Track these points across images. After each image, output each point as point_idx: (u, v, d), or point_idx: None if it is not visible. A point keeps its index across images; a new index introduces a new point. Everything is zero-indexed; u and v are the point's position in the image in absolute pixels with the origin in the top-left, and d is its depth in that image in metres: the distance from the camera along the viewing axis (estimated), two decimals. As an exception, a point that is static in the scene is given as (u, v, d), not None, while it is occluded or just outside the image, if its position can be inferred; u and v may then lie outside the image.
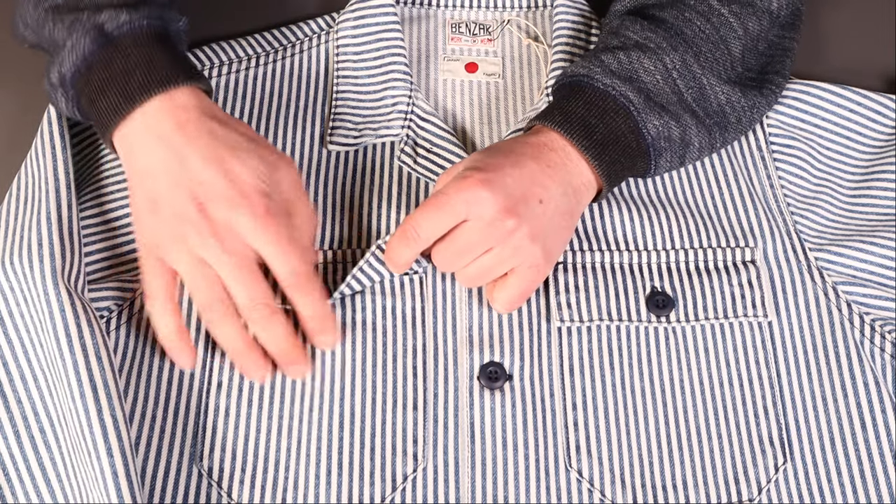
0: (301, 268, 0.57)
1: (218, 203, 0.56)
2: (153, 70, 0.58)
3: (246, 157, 0.57)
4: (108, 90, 0.58)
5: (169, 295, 0.58)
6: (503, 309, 0.61)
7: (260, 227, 0.56)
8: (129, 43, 0.58)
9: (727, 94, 0.65)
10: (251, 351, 0.58)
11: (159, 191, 0.57)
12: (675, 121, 0.63)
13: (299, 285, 0.57)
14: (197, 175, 0.56)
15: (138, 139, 0.58)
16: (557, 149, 0.61)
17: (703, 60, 0.64)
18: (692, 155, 0.65)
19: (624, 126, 0.62)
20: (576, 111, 0.62)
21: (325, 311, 0.58)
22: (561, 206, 0.60)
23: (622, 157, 0.62)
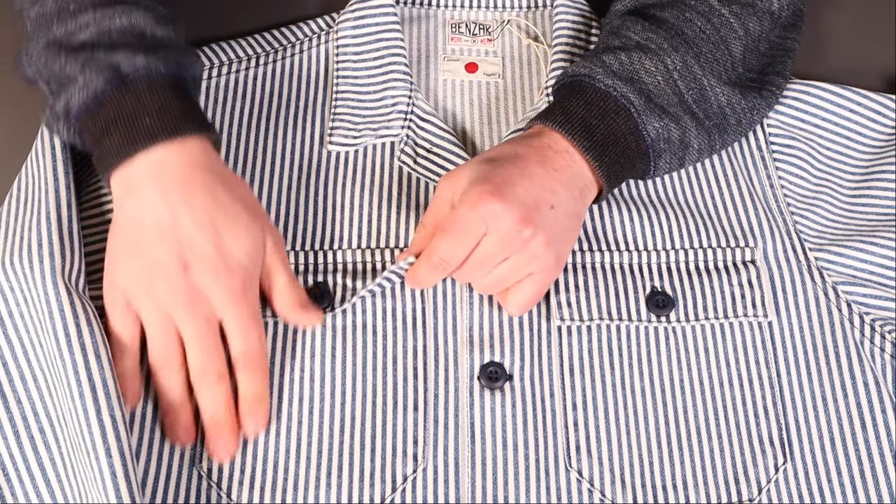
0: (256, 349, 0.57)
1: (202, 269, 0.56)
2: (164, 117, 0.57)
3: (239, 229, 0.57)
4: (115, 130, 0.57)
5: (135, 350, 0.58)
6: (516, 312, 0.61)
7: (232, 303, 0.56)
8: (144, 87, 0.57)
9: (727, 96, 0.65)
10: (184, 409, 0.58)
11: (145, 238, 0.56)
12: (674, 123, 0.63)
13: (248, 365, 0.57)
14: (188, 235, 0.56)
15: (137, 183, 0.57)
16: (561, 150, 0.61)
17: (704, 61, 0.64)
18: (691, 157, 0.65)
19: (624, 127, 0.62)
20: (577, 111, 0.62)
21: (264, 395, 0.58)
22: (570, 209, 0.60)
23: (622, 157, 0.62)
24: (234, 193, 0.58)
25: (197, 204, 0.56)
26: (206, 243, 0.56)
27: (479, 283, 0.60)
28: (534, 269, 0.59)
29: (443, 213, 0.60)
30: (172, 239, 0.56)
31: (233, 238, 0.57)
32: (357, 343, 0.61)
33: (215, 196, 0.57)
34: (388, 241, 0.65)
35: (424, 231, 0.61)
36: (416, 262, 0.60)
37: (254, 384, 0.57)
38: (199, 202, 0.57)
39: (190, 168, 0.57)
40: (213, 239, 0.56)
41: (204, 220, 0.56)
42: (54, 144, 0.62)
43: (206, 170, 0.58)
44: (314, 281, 0.62)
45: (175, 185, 0.56)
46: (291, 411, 0.59)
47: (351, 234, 0.65)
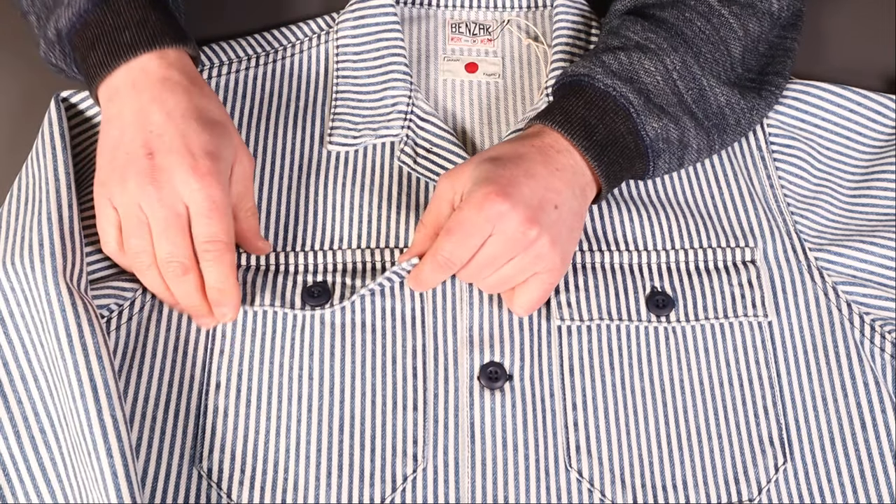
0: (220, 237, 0.58)
1: (166, 152, 0.57)
2: (143, 30, 0.60)
3: (210, 128, 0.59)
4: (99, 46, 0.60)
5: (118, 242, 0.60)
6: (523, 312, 0.61)
7: (196, 185, 0.57)
8: (123, 3, 0.60)
9: (727, 96, 0.65)
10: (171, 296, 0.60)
11: (121, 137, 0.59)
12: (673, 123, 0.63)
13: (210, 253, 0.58)
14: (157, 127, 0.58)
15: (118, 89, 0.60)
16: (563, 150, 0.61)
17: (703, 61, 0.65)
18: (690, 157, 0.65)
19: (623, 127, 0.62)
20: (576, 111, 0.62)
21: (229, 284, 0.59)
22: (573, 208, 0.60)
23: (621, 157, 0.62)
24: (208, 98, 0.61)
25: (169, 100, 0.59)
26: (173, 132, 0.58)
27: (484, 283, 0.60)
28: (539, 269, 0.59)
29: (443, 213, 0.60)
30: (143, 130, 0.58)
31: (203, 134, 0.58)
32: (357, 342, 0.61)
33: (189, 96, 0.59)
34: (388, 241, 0.65)
35: (425, 230, 0.61)
36: (420, 262, 0.60)
37: (215, 274, 0.58)
38: (172, 99, 0.59)
39: (167, 71, 0.60)
40: (180, 129, 0.58)
41: (174, 113, 0.58)
42: (54, 144, 0.62)
43: (182, 75, 0.60)
44: (314, 281, 0.62)
45: (151, 85, 0.59)
46: (291, 410, 0.59)
47: (351, 234, 0.65)
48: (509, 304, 0.61)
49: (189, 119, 0.58)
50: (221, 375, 0.60)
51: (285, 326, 0.61)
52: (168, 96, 0.59)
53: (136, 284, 0.62)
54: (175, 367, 0.60)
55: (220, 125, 0.60)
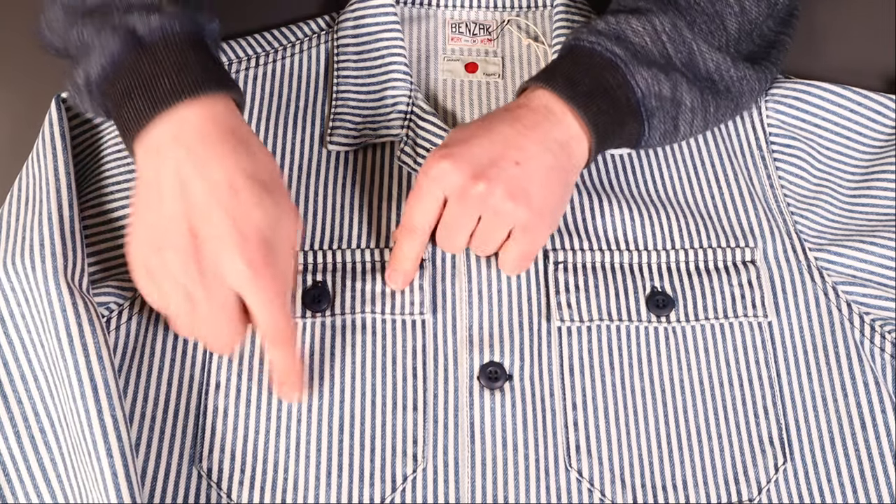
0: (283, 324, 0.55)
1: (212, 239, 0.53)
2: (183, 75, 0.55)
3: (260, 196, 0.54)
4: (135, 95, 0.55)
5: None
6: (510, 272, 0.62)
7: (253, 278, 0.53)
8: (160, 47, 0.55)
9: (716, 62, 0.64)
10: None
11: (159, 203, 0.54)
12: (664, 74, 0.62)
13: (278, 340, 0.56)
14: (200, 201, 0.53)
15: (157, 145, 0.55)
16: (537, 108, 0.61)
17: (697, 29, 0.64)
18: (685, 117, 0.64)
19: (612, 80, 0.61)
20: (560, 68, 0.62)
21: (296, 367, 0.57)
22: (545, 162, 0.59)
23: (611, 109, 0.61)
24: (255, 157, 0.55)
25: (212, 165, 0.54)
26: (218, 210, 0.53)
27: (473, 248, 0.61)
28: (508, 224, 0.59)
29: None
30: (185, 202, 0.53)
31: (252, 203, 0.54)
32: (356, 343, 0.61)
33: (235, 156, 0.54)
34: (388, 241, 0.65)
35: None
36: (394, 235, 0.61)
37: (280, 358, 0.57)
38: (217, 162, 0.54)
39: (210, 126, 0.54)
40: (228, 204, 0.53)
41: (220, 182, 0.53)
42: (55, 144, 0.62)
43: (226, 129, 0.55)
44: (314, 281, 0.62)
45: (194, 143, 0.54)
46: (291, 411, 0.59)
47: (351, 234, 0.65)
48: (499, 264, 0.62)
49: (236, 191, 0.53)
50: (221, 375, 0.60)
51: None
52: (211, 160, 0.54)
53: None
54: (175, 367, 0.60)
55: (269, 189, 0.55)
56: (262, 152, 0.57)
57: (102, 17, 0.56)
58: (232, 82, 0.57)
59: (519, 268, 0.62)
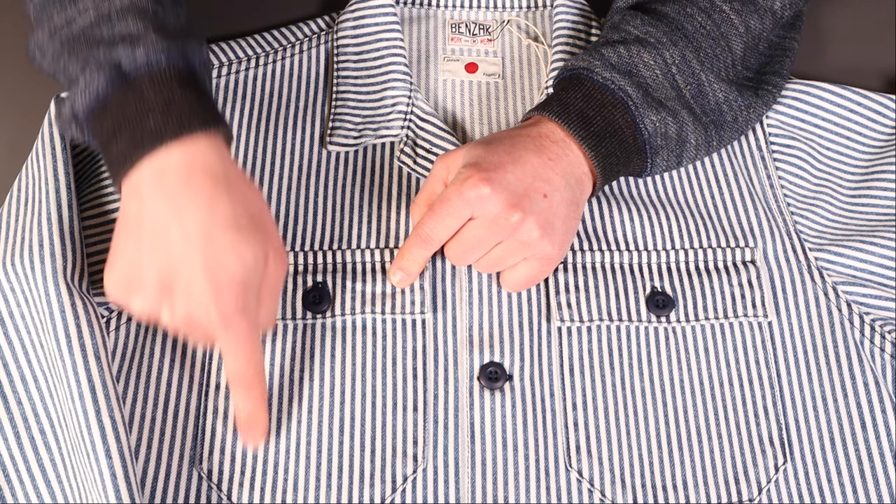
0: (250, 371, 0.55)
1: (184, 291, 0.53)
2: (168, 115, 0.54)
3: (237, 240, 0.53)
4: (121, 135, 0.54)
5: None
6: (510, 289, 0.62)
7: (223, 327, 0.53)
8: (146, 82, 0.54)
9: (724, 93, 0.65)
10: None
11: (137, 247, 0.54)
12: (672, 117, 0.63)
13: (240, 385, 0.56)
14: (177, 249, 0.52)
15: (140, 187, 0.54)
16: (558, 140, 0.61)
17: (703, 57, 0.65)
18: (689, 154, 0.65)
19: (621, 120, 0.62)
20: (574, 103, 0.62)
21: (257, 413, 0.57)
22: (566, 197, 0.60)
23: (618, 150, 0.62)
24: (236, 199, 0.54)
25: (191, 213, 0.53)
26: (194, 261, 0.52)
27: (476, 264, 0.61)
28: (528, 255, 0.60)
29: (436, 192, 0.61)
30: (160, 251, 0.53)
31: (228, 250, 0.53)
32: (357, 344, 0.61)
33: (213, 203, 0.53)
34: (388, 241, 0.65)
35: (419, 209, 0.62)
36: (407, 238, 0.61)
37: (246, 404, 0.56)
38: (194, 210, 0.53)
39: (191, 169, 0.54)
40: (203, 254, 0.52)
41: (196, 232, 0.53)
42: (54, 144, 0.62)
43: (208, 172, 0.54)
44: (314, 281, 0.62)
45: (174, 189, 0.53)
46: (291, 412, 0.59)
47: (350, 234, 0.65)
48: (500, 278, 0.62)
49: (212, 239, 0.52)
50: (221, 377, 0.60)
51: (286, 330, 0.61)
52: (189, 207, 0.53)
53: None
54: (175, 368, 0.60)
55: (250, 231, 0.54)
56: (247, 191, 0.56)
57: (88, 49, 0.55)
58: (218, 118, 0.56)
59: (520, 288, 0.62)
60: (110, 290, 0.55)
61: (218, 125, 0.55)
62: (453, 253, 0.61)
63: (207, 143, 0.55)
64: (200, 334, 0.55)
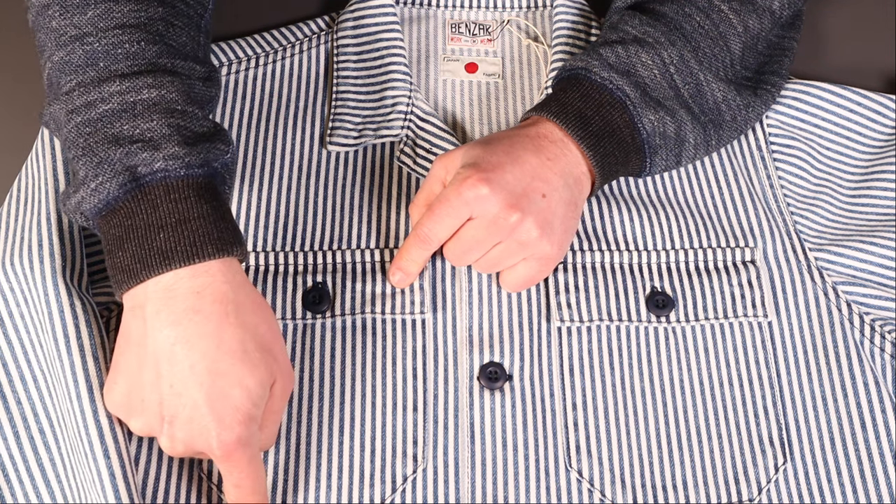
0: (253, 498, 0.53)
1: (185, 425, 0.51)
2: (181, 235, 0.51)
3: (245, 372, 0.51)
4: (127, 246, 0.51)
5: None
6: (509, 289, 0.62)
7: (224, 460, 0.51)
8: (161, 193, 0.51)
9: (723, 92, 0.65)
10: None
11: (138, 372, 0.51)
12: (670, 116, 0.63)
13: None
14: (178, 382, 0.50)
15: (141, 308, 0.51)
16: (556, 140, 0.61)
17: (702, 56, 0.65)
18: (688, 153, 0.65)
19: (619, 120, 0.62)
20: (572, 103, 0.62)
21: None
22: (565, 197, 0.60)
23: (616, 150, 0.62)
24: (245, 324, 0.52)
25: (196, 344, 0.50)
26: (198, 394, 0.50)
27: (476, 264, 0.61)
28: (527, 255, 0.60)
29: (434, 192, 0.62)
30: (163, 380, 0.51)
31: (233, 382, 0.51)
32: (357, 343, 0.61)
33: (221, 331, 0.51)
34: (388, 241, 0.65)
35: (418, 209, 0.62)
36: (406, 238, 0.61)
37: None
38: (200, 342, 0.50)
39: (199, 297, 0.51)
40: (207, 388, 0.50)
41: (201, 364, 0.50)
42: (54, 145, 0.62)
43: (218, 299, 0.51)
44: (314, 281, 0.62)
45: (180, 316, 0.50)
46: (291, 412, 0.59)
47: (351, 234, 0.65)
48: (500, 278, 0.62)
49: (217, 372, 0.50)
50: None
51: (285, 330, 0.61)
52: (194, 339, 0.50)
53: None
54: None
55: (256, 357, 0.52)
56: (257, 314, 0.53)
57: (105, 147, 0.52)
58: (233, 240, 0.53)
59: (521, 288, 0.62)
60: (110, 406, 0.53)
61: (231, 247, 0.52)
62: (452, 253, 0.61)
63: (219, 268, 0.52)
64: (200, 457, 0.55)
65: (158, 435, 0.52)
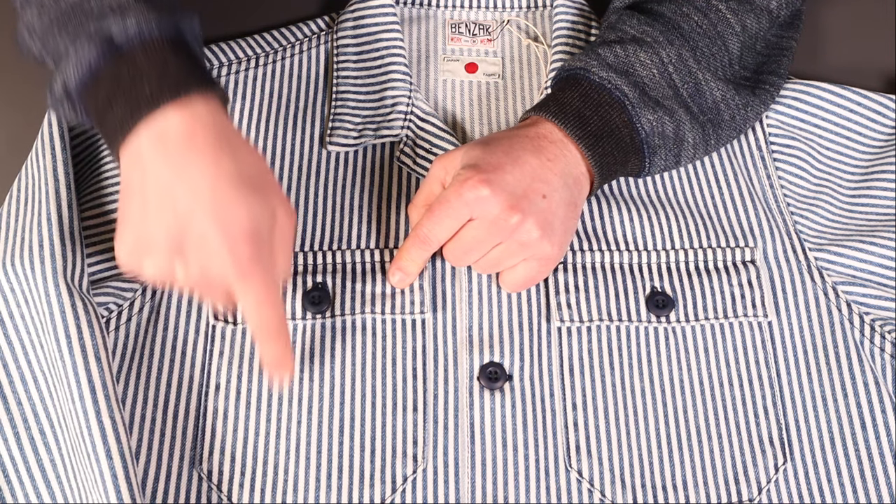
0: (272, 321, 0.55)
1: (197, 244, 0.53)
2: (163, 79, 0.53)
3: (245, 194, 0.53)
4: (116, 103, 0.53)
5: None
6: (510, 289, 0.62)
7: (240, 278, 0.53)
8: (139, 52, 0.54)
9: (722, 91, 0.65)
10: None
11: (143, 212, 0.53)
12: (669, 116, 0.63)
13: (269, 335, 0.56)
14: (184, 206, 0.52)
15: (140, 153, 0.53)
16: (556, 140, 0.61)
17: (700, 56, 0.65)
18: (687, 153, 0.65)
19: (618, 120, 0.62)
20: (571, 103, 0.62)
21: (285, 357, 0.56)
22: (564, 198, 0.60)
23: (615, 150, 0.62)
24: (239, 157, 0.54)
25: (196, 170, 0.53)
26: (203, 214, 0.52)
27: (475, 265, 0.61)
28: (527, 255, 0.60)
29: (434, 193, 0.62)
30: (169, 210, 0.52)
31: (237, 203, 0.53)
32: (357, 344, 0.61)
33: (217, 160, 0.53)
34: (388, 241, 0.65)
35: (417, 211, 0.62)
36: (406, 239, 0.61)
37: (271, 352, 0.56)
38: (199, 167, 0.53)
39: (192, 129, 0.53)
40: (212, 207, 0.52)
41: (203, 187, 0.52)
42: (54, 145, 0.62)
43: (209, 130, 0.53)
44: (314, 281, 0.62)
45: (176, 149, 0.53)
46: (291, 412, 0.59)
47: (350, 234, 0.65)
48: (500, 279, 0.62)
49: (220, 193, 0.52)
50: (221, 377, 0.60)
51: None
52: (193, 165, 0.52)
53: (135, 285, 0.62)
54: (174, 369, 0.60)
55: (256, 186, 0.54)
56: (247, 150, 0.55)
57: (77, 23, 0.55)
58: (214, 81, 0.56)
59: (520, 288, 0.62)
60: (122, 258, 0.55)
61: (214, 88, 0.55)
62: (452, 254, 0.61)
63: (205, 104, 0.54)
64: (218, 292, 0.55)
65: (172, 270, 0.53)
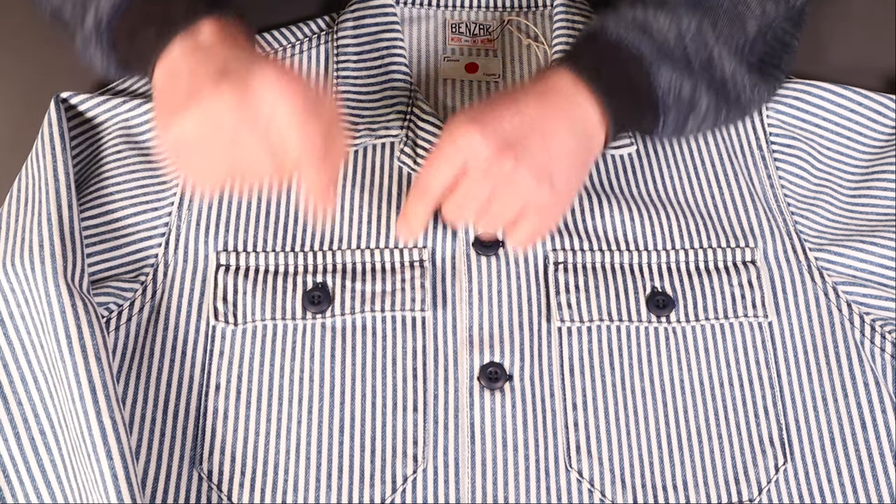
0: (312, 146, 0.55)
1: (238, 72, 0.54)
2: (195, 2, 0.56)
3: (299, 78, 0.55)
4: (149, 25, 0.56)
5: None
6: (517, 246, 0.61)
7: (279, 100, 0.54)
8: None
9: (732, 69, 0.63)
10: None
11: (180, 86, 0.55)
12: (686, 75, 0.62)
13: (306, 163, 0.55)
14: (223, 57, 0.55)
15: (174, 61, 0.55)
16: (566, 93, 0.60)
17: (718, 32, 0.63)
18: (696, 120, 0.64)
19: (635, 75, 0.61)
20: (587, 56, 0.61)
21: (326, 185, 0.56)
22: (571, 148, 0.59)
23: (632, 103, 0.61)
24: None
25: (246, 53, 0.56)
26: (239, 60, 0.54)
27: (476, 223, 0.60)
28: (525, 202, 0.59)
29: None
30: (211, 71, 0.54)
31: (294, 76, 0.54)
32: (357, 344, 0.61)
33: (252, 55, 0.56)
34: (388, 241, 0.65)
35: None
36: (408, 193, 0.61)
37: (313, 180, 0.56)
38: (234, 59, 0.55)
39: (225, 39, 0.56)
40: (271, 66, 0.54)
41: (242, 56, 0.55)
42: (54, 145, 0.62)
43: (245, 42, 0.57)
44: (314, 281, 0.62)
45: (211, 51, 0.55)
46: (291, 412, 0.59)
47: (351, 234, 0.65)
48: (506, 238, 0.61)
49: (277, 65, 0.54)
50: (221, 377, 0.60)
51: (286, 331, 0.61)
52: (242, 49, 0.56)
53: (135, 285, 0.62)
54: (174, 369, 0.60)
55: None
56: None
57: None
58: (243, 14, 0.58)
59: (527, 243, 0.61)
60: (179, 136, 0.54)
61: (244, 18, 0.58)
62: (450, 209, 0.60)
63: (237, 26, 0.57)
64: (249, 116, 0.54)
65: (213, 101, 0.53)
